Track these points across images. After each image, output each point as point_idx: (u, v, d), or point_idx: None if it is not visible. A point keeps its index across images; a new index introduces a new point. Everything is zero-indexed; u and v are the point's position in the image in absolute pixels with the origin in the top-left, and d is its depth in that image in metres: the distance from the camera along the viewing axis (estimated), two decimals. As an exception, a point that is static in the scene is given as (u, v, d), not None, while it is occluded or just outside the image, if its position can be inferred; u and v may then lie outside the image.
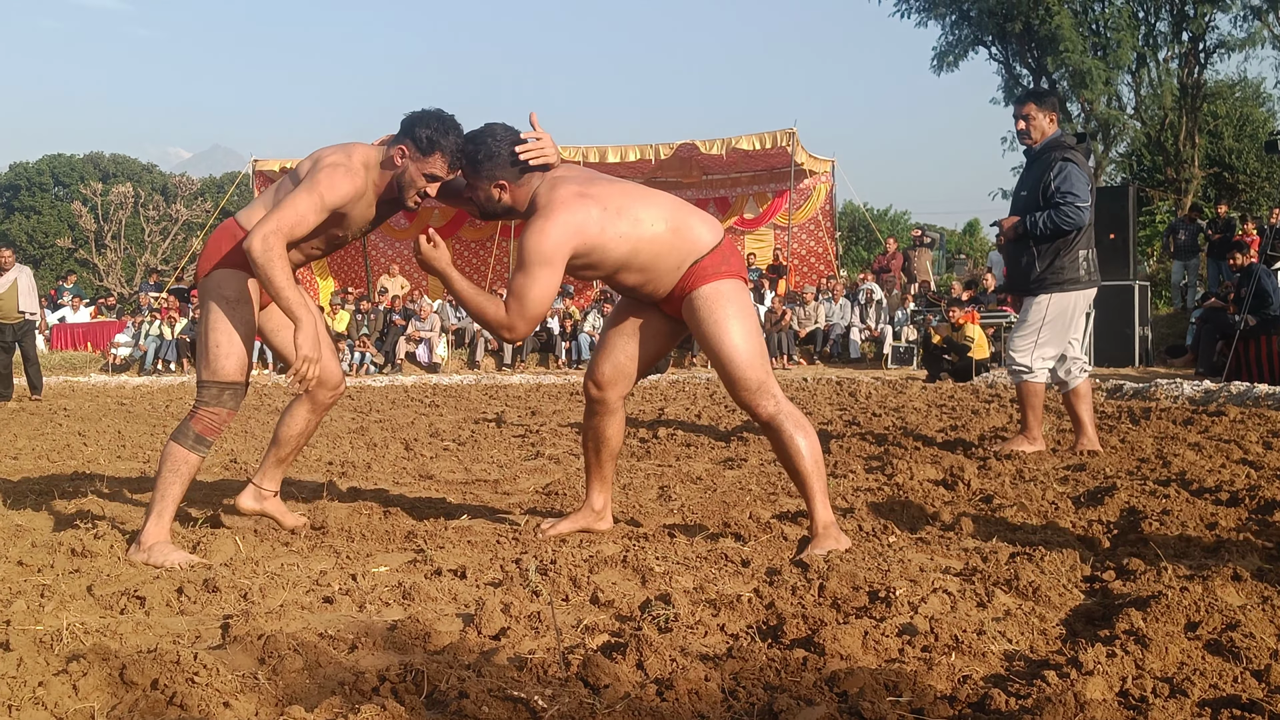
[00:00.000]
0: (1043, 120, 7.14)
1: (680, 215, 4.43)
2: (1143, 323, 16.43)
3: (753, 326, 4.41)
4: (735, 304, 4.37)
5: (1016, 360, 7.09)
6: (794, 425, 4.34)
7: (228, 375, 4.42)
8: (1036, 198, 6.98)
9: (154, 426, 10.58)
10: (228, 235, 4.52)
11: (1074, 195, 6.85)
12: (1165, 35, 30.53)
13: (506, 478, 6.66)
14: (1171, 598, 3.18)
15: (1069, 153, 6.97)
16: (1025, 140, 7.19)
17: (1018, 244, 7.11)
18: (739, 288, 4.43)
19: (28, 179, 72.65)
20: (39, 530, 4.93)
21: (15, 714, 2.55)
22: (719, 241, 4.43)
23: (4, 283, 15.54)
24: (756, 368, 4.34)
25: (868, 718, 2.39)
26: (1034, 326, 7.03)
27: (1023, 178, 7.25)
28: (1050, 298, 7.02)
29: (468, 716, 2.41)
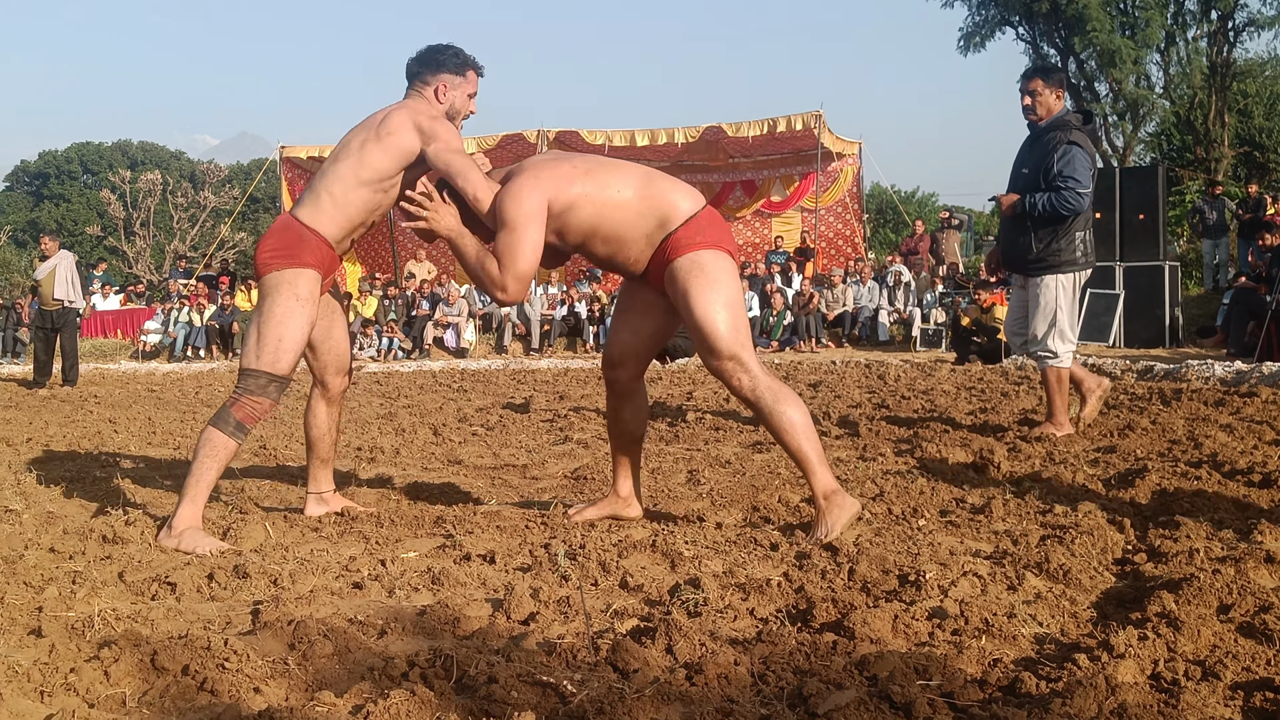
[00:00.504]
0: (1049, 97, 7.08)
1: (651, 184, 4.36)
2: (1173, 303, 16.32)
3: (730, 297, 4.28)
4: (711, 273, 4.27)
5: (1045, 345, 7.05)
6: (774, 398, 4.23)
7: (280, 369, 4.45)
8: (1037, 178, 6.96)
9: (184, 413, 10.62)
10: (295, 235, 4.53)
11: (1075, 180, 6.82)
12: (1194, 13, 30.33)
13: (535, 463, 6.67)
14: (1204, 580, 3.16)
15: (1074, 134, 6.93)
16: (1030, 116, 7.14)
17: (1015, 221, 7.09)
18: (717, 257, 4.31)
19: (57, 167, 73.07)
20: (70, 517, 4.96)
21: (48, 700, 2.56)
22: (696, 211, 4.33)
23: (44, 269, 15.66)
24: (729, 339, 4.22)
25: (898, 701, 2.38)
26: (1049, 311, 7.01)
27: (1024, 154, 7.21)
28: (1056, 279, 7.03)
29: (497, 701, 2.41)
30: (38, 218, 67.64)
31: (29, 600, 3.40)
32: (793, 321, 21.07)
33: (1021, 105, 7.19)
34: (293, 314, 4.46)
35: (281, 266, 4.50)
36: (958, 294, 20.21)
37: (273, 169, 30.10)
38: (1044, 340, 7.05)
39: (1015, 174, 7.18)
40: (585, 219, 4.27)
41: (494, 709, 2.39)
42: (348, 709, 2.44)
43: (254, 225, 53.88)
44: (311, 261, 4.50)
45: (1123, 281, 16.21)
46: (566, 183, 4.25)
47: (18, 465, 6.70)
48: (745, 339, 4.29)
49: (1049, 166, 6.87)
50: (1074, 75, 32.22)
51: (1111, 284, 16.28)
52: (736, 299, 4.33)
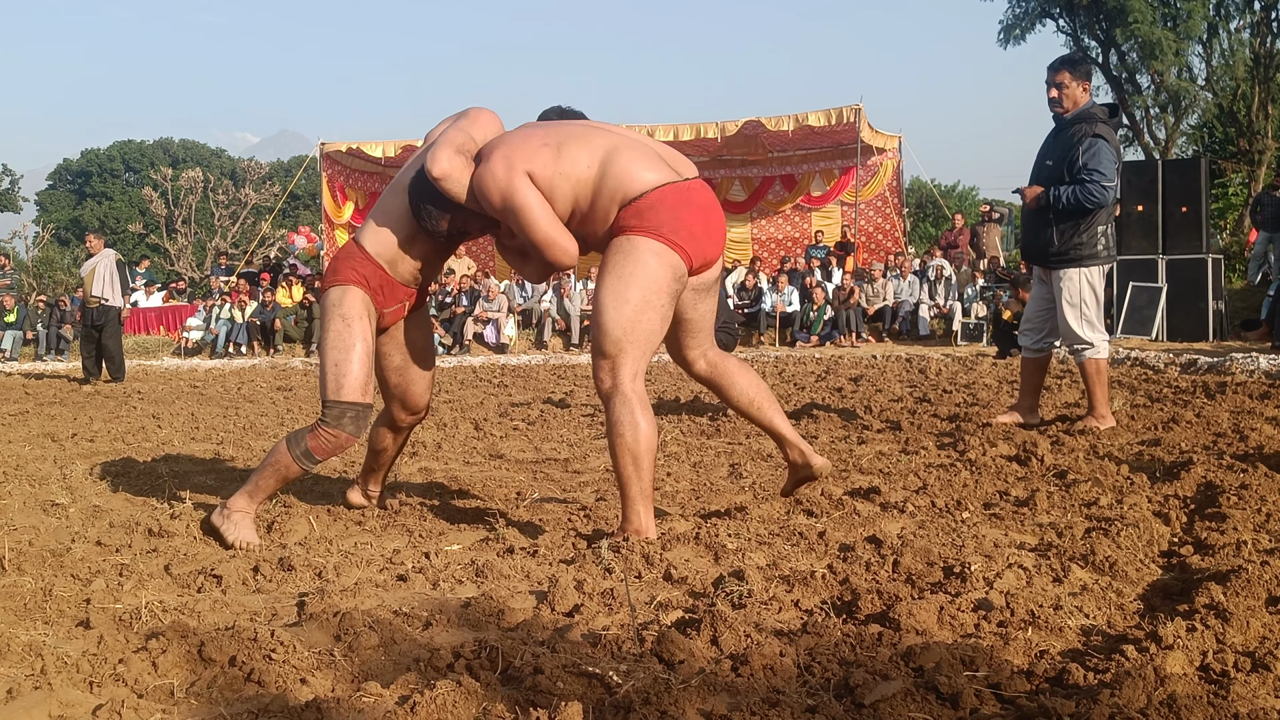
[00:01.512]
0: (1076, 89, 7.02)
1: (615, 157, 4.06)
2: (1216, 296, 16.19)
3: (633, 293, 3.98)
4: (624, 263, 4.00)
5: (1080, 338, 7.01)
6: (624, 407, 4.01)
7: (347, 396, 4.27)
8: (1061, 170, 6.92)
9: (226, 409, 10.69)
10: (343, 254, 4.47)
11: (1100, 174, 6.77)
12: (1236, 4, 30.05)
13: (576, 457, 6.67)
14: (1252, 572, 3.14)
15: (1100, 127, 6.87)
16: (1056, 108, 7.08)
17: (1038, 214, 7.06)
18: (641, 245, 4.01)
19: (99, 165, 73.66)
20: (116, 511, 5.00)
21: (97, 690, 2.58)
22: (649, 189, 4.02)
23: (88, 267, 15.78)
24: (612, 336, 4.00)
25: (944, 692, 2.37)
26: (1078, 304, 6.98)
27: (1049, 146, 7.16)
28: (1080, 273, 6.98)
29: (543, 692, 2.42)
30: (80, 215, 68.22)
31: (77, 593, 3.44)
32: (833, 316, 21.03)
33: (1048, 97, 7.14)
34: (338, 335, 4.33)
35: (326, 287, 4.47)
36: (999, 288, 20.11)
37: (313, 165, 30.25)
38: (1078, 333, 7.01)
39: (1039, 166, 7.14)
40: (561, 198, 4.08)
41: (540, 700, 2.39)
42: (394, 700, 2.44)
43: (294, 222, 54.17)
44: (352, 277, 4.38)
45: (1166, 274, 16.10)
46: (540, 163, 4.05)
47: (64, 460, 6.76)
48: (635, 341, 4.02)
49: (1073, 159, 6.83)
50: (1115, 68, 32.03)
51: (1154, 277, 16.17)
52: (642, 296, 4.00)
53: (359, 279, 4.38)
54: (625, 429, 3.99)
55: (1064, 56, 7.07)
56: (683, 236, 4.03)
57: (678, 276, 4.06)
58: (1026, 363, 7.42)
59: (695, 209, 4.11)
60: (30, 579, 3.59)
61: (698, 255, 4.11)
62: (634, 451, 3.99)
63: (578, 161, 4.06)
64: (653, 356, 4.15)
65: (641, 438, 3.99)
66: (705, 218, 4.15)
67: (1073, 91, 7.01)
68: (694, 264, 4.11)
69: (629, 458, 3.99)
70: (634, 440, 3.99)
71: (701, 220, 4.12)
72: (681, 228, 4.03)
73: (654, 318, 4.02)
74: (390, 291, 4.45)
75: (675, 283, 4.07)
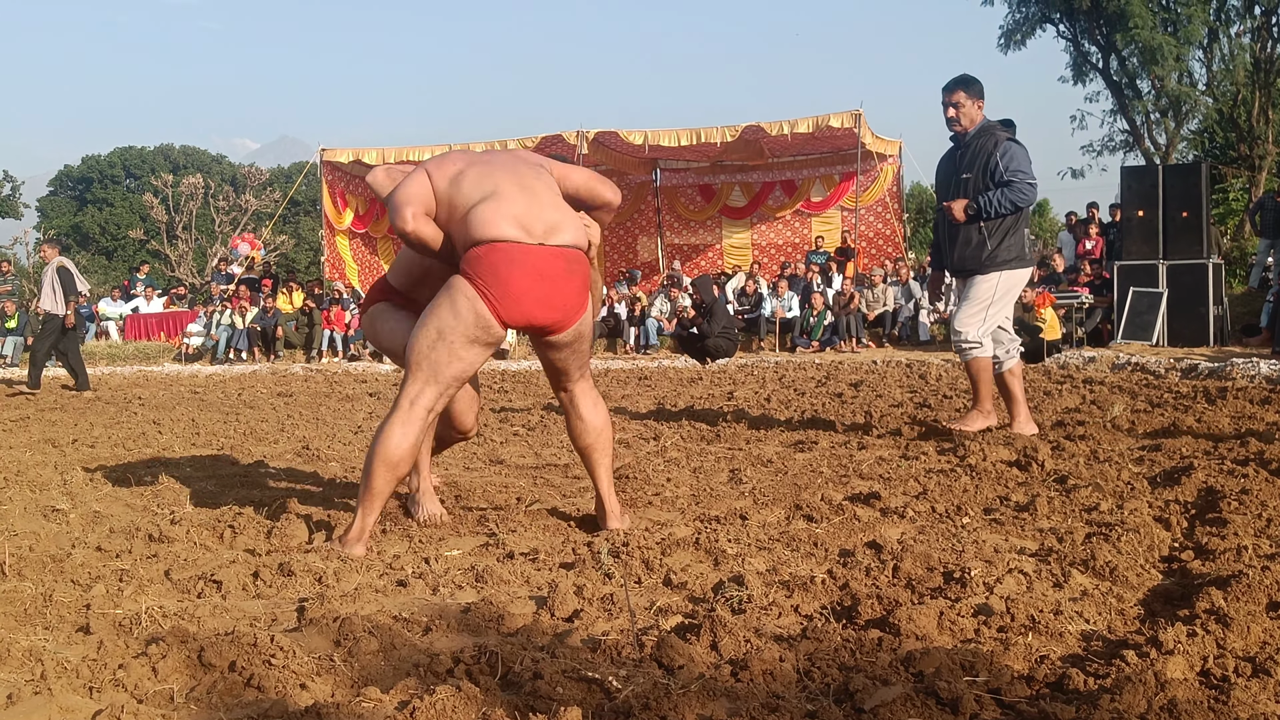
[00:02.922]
0: (972, 108, 7.24)
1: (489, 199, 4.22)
2: (1217, 302, 16.19)
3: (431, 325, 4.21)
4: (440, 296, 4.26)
5: (967, 337, 7.18)
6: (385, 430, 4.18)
7: None
8: (981, 180, 7.09)
9: (227, 414, 10.69)
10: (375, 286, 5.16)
11: (1024, 173, 6.99)
12: (1237, 9, 30.05)
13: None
14: (1253, 577, 3.14)
15: (1008, 134, 7.13)
16: (955, 127, 7.29)
17: (965, 225, 7.18)
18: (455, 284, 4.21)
19: (100, 172, 73.63)
20: (117, 517, 5.00)
21: (96, 695, 2.58)
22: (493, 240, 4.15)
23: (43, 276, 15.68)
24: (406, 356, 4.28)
25: (944, 697, 2.37)
26: (984, 303, 7.17)
27: (955, 163, 7.34)
28: (1000, 275, 7.15)
29: (542, 697, 2.42)
30: (81, 222, 68.20)
31: (77, 598, 3.44)
32: (833, 321, 21.02)
33: (945, 116, 7.34)
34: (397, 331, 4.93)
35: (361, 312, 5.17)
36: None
37: (313, 172, 30.24)
38: (967, 332, 7.23)
39: (951, 182, 7.33)
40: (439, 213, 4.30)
41: (539, 705, 2.39)
42: (393, 705, 2.45)
43: (294, 228, 54.14)
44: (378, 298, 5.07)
45: (1166, 280, 16.10)
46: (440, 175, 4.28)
47: (64, 466, 6.76)
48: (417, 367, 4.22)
49: (993, 166, 7.02)
50: (1115, 73, 32.02)
51: (1155, 282, 16.17)
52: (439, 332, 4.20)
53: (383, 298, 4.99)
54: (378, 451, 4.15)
55: (958, 78, 7.28)
56: (496, 292, 4.15)
57: (481, 325, 4.19)
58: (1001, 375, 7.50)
59: (527, 272, 4.18)
60: (30, 584, 3.58)
61: (512, 314, 4.21)
62: (383, 464, 4.13)
63: (464, 190, 4.24)
64: (444, 392, 4.24)
65: (394, 458, 4.14)
66: (538, 283, 4.21)
67: (969, 110, 7.23)
68: (507, 321, 4.22)
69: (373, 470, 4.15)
70: (394, 456, 4.13)
71: (529, 283, 4.18)
72: (497, 283, 4.15)
73: (444, 352, 4.20)
74: None
75: (477, 329, 4.19)
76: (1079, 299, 17.94)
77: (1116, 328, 16.36)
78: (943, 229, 7.42)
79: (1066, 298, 18.00)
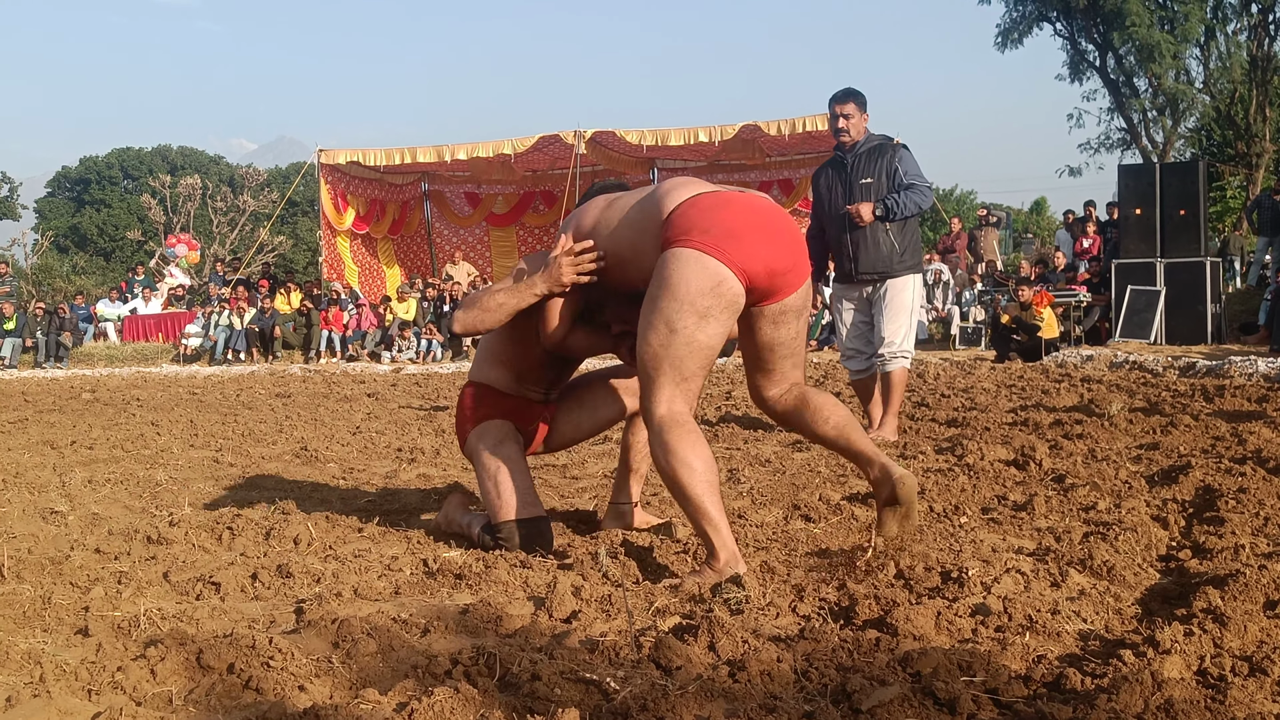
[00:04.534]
0: (860, 120, 7.48)
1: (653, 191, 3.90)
2: (1214, 300, 16.21)
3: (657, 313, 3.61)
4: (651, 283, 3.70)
5: (904, 348, 7.36)
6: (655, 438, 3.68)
7: (511, 514, 4.20)
8: (881, 184, 7.33)
9: (225, 415, 10.68)
10: (468, 399, 4.47)
11: (923, 178, 7.32)
12: (1234, 7, 30.10)
13: (575, 463, 6.67)
14: (1250, 576, 3.14)
15: (898, 143, 7.46)
16: (843, 137, 7.49)
17: (869, 231, 7.38)
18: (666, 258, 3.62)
19: (97, 173, 73.65)
20: (115, 518, 5.00)
21: (95, 698, 2.58)
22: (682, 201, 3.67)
23: None
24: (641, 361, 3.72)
25: (942, 697, 2.37)
26: (908, 310, 7.48)
27: (843, 173, 7.50)
28: (913, 278, 7.46)
29: (540, 698, 2.42)
30: (79, 223, 68.22)
31: (75, 600, 3.44)
32: (831, 320, 21.01)
33: (834, 127, 7.54)
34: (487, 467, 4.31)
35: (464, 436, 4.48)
36: (997, 291, 20.14)
37: (311, 173, 30.24)
38: (901, 343, 7.41)
39: (854, 188, 7.46)
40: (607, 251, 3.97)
41: (537, 706, 2.39)
42: (392, 706, 2.45)
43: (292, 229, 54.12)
44: (485, 414, 4.41)
45: (1164, 278, 16.11)
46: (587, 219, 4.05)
47: (62, 467, 6.76)
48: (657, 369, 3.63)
49: (894, 172, 7.29)
50: (1113, 71, 32.07)
51: (1153, 280, 16.18)
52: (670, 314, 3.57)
53: (492, 413, 4.41)
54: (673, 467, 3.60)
55: (848, 90, 7.51)
56: (718, 237, 3.56)
57: (712, 288, 3.55)
58: (861, 384, 7.66)
59: (742, 209, 3.66)
60: (29, 587, 3.59)
61: (746, 259, 3.57)
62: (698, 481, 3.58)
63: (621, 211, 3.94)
64: (701, 375, 3.67)
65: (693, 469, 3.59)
66: (759, 219, 3.66)
67: (858, 122, 7.47)
68: (743, 268, 3.57)
69: (691, 489, 3.57)
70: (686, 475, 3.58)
71: (750, 219, 3.64)
72: (716, 226, 3.58)
73: (680, 345, 3.57)
74: (525, 411, 4.46)
75: (710, 295, 3.54)
76: (1077, 297, 17.97)
77: (1114, 326, 16.38)
78: (840, 237, 7.54)
79: (1064, 296, 18.03)
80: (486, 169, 27.68)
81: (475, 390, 4.45)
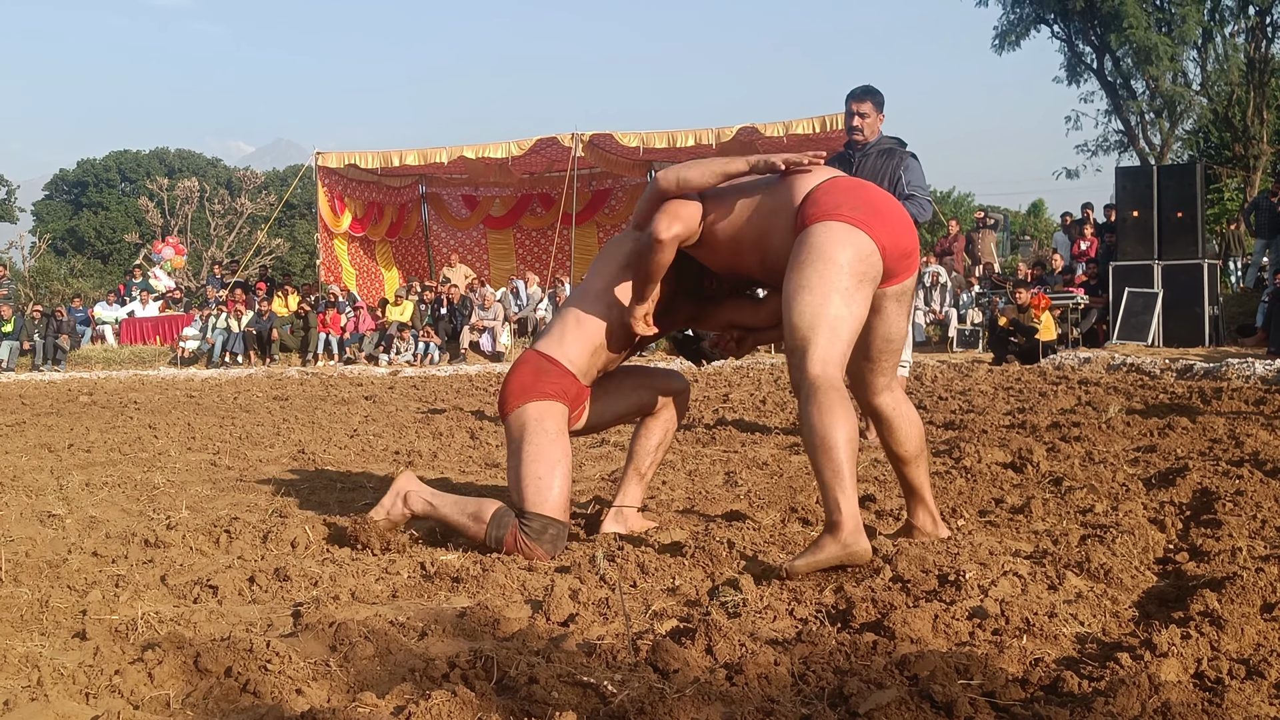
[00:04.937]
0: (875, 120, 7.38)
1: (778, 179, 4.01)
2: (1212, 302, 16.22)
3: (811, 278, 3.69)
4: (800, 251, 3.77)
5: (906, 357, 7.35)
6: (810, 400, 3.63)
7: (552, 510, 4.15)
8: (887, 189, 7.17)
9: (222, 418, 10.68)
10: (532, 369, 4.34)
11: (925, 189, 7.24)
12: (1231, 9, 30.11)
13: (572, 465, 6.67)
14: (1247, 579, 3.14)
15: (908, 151, 7.32)
16: (855, 136, 7.39)
17: None
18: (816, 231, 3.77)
19: (95, 176, 73.56)
20: (113, 522, 5.00)
21: (93, 701, 2.59)
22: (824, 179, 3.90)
23: None
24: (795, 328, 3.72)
25: (939, 701, 2.37)
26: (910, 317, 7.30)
27: (852, 170, 7.37)
28: None
29: (538, 701, 2.42)
30: (77, 226, 68.14)
31: (73, 604, 3.44)
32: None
33: (848, 124, 7.46)
34: (543, 450, 4.21)
35: (521, 403, 4.30)
36: (994, 294, 20.14)
37: (309, 175, 30.23)
38: (908, 348, 7.34)
39: None
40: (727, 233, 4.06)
41: (535, 709, 2.39)
42: (389, 709, 2.45)
43: (290, 232, 54.08)
44: (552, 391, 4.29)
45: (1161, 280, 16.12)
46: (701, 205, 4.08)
47: (60, 471, 6.75)
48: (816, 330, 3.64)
49: (897, 179, 7.17)
50: (1110, 73, 32.07)
51: (1150, 282, 16.19)
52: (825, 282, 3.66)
53: (559, 393, 4.31)
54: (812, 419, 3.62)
55: (867, 88, 7.39)
56: (865, 213, 3.75)
57: (864, 256, 3.71)
58: None
59: (870, 191, 3.90)
60: (27, 590, 3.59)
61: (886, 234, 3.77)
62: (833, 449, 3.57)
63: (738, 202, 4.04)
64: (847, 348, 3.72)
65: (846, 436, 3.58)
66: (884, 201, 3.91)
67: (873, 122, 7.37)
68: (884, 242, 3.76)
69: (824, 457, 3.59)
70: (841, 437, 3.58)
71: (880, 201, 3.87)
72: (863, 204, 3.77)
73: (839, 304, 3.64)
74: (579, 397, 4.43)
75: (860, 262, 3.70)
76: (1074, 300, 17.97)
77: (1112, 328, 16.39)
78: None
79: (1062, 298, 18.03)
80: (484, 171, 27.67)
81: (542, 362, 4.34)
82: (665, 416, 4.70)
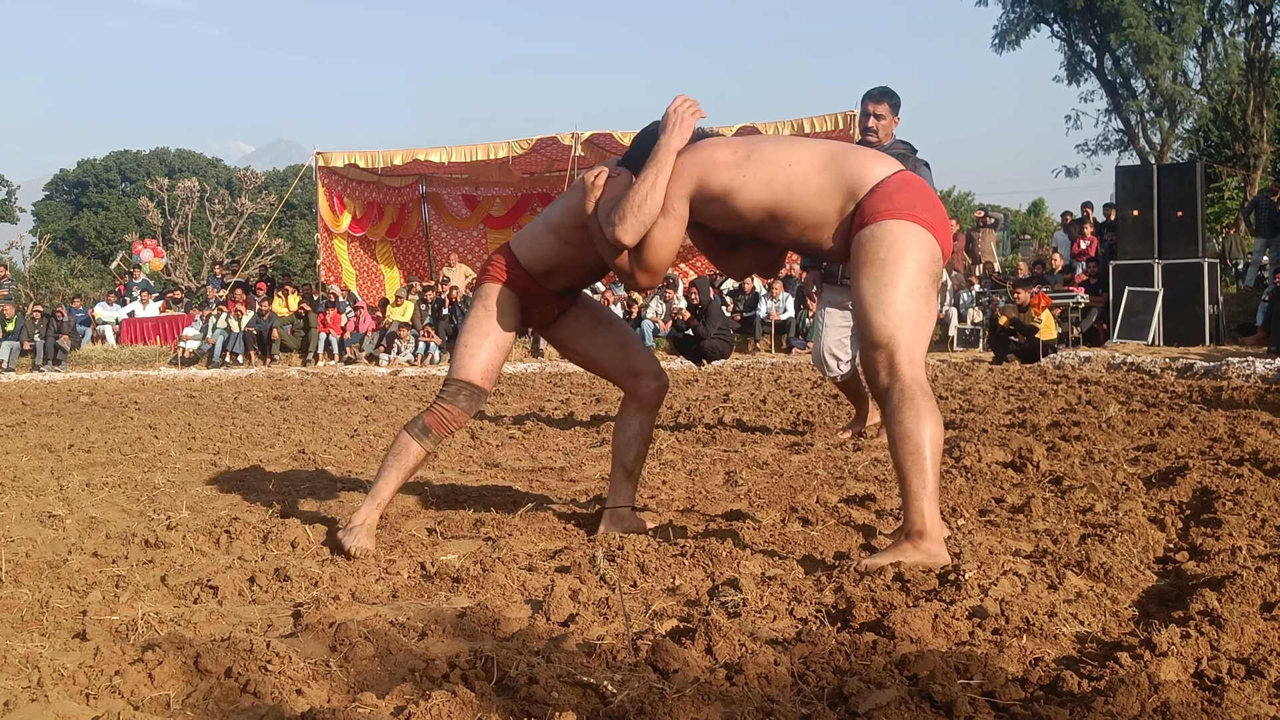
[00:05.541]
0: (890, 122, 7.31)
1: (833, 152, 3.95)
2: (1212, 300, 16.22)
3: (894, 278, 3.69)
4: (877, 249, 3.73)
5: (844, 359, 7.32)
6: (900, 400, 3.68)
7: (468, 376, 4.38)
8: None
9: (223, 418, 10.68)
10: (493, 258, 4.57)
11: None
12: (1231, 8, 30.12)
13: (572, 465, 6.67)
14: (1246, 578, 3.14)
15: (918, 158, 7.27)
16: (870, 137, 7.30)
17: None
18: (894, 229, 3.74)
19: (95, 176, 73.61)
20: (113, 522, 5.00)
21: (93, 702, 2.59)
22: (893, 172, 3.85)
23: None
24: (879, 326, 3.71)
25: (939, 700, 2.37)
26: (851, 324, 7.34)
27: None
28: None
29: (538, 702, 2.42)
30: (77, 226, 68.19)
31: (73, 604, 3.44)
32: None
33: (863, 125, 7.41)
34: (478, 322, 4.45)
35: (480, 281, 4.58)
36: (995, 293, 20.15)
37: (309, 175, 30.23)
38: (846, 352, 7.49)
39: None
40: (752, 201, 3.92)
41: (535, 709, 2.39)
42: (389, 710, 2.45)
43: (290, 232, 54.08)
44: (503, 278, 4.46)
45: (1161, 279, 16.13)
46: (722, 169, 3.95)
47: (60, 471, 6.75)
48: (901, 330, 3.68)
49: None
50: (1110, 72, 32.08)
51: (1150, 282, 16.20)
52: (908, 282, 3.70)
53: (508, 279, 4.46)
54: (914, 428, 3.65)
55: (884, 89, 7.33)
56: (933, 217, 3.80)
57: (935, 259, 3.78)
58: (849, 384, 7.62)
59: (932, 193, 3.93)
60: (27, 591, 3.59)
61: (944, 243, 3.84)
62: (920, 447, 3.64)
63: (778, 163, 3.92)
64: (926, 344, 3.80)
65: (932, 435, 3.66)
66: (942, 208, 3.94)
67: (889, 123, 7.31)
68: (943, 250, 3.83)
69: (910, 457, 3.64)
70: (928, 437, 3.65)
71: (933, 200, 3.89)
72: (933, 208, 3.82)
73: (919, 302, 3.72)
74: (538, 297, 4.51)
75: (934, 264, 3.77)
76: (1074, 299, 17.98)
77: (1112, 327, 16.41)
78: None
79: (1062, 297, 18.04)
80: (484, 171, 27.69)
81: (510, 259, 4.49)
82: (637, 406, 4.73)
